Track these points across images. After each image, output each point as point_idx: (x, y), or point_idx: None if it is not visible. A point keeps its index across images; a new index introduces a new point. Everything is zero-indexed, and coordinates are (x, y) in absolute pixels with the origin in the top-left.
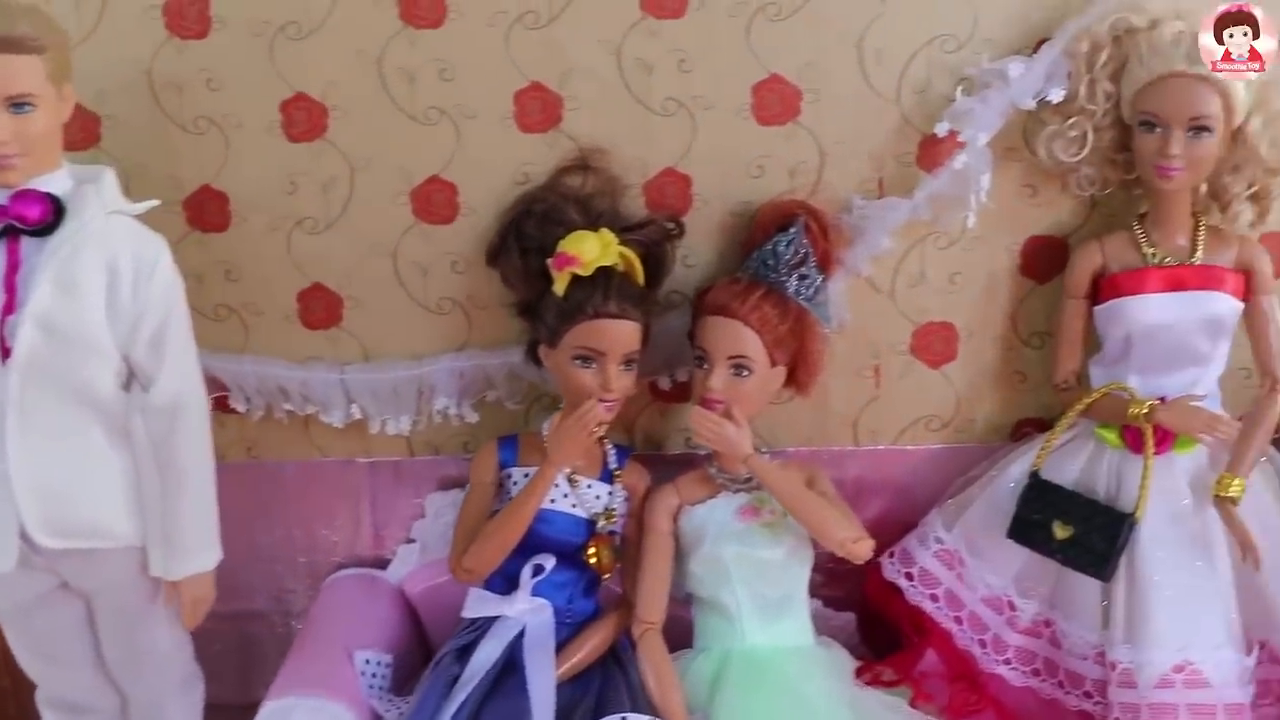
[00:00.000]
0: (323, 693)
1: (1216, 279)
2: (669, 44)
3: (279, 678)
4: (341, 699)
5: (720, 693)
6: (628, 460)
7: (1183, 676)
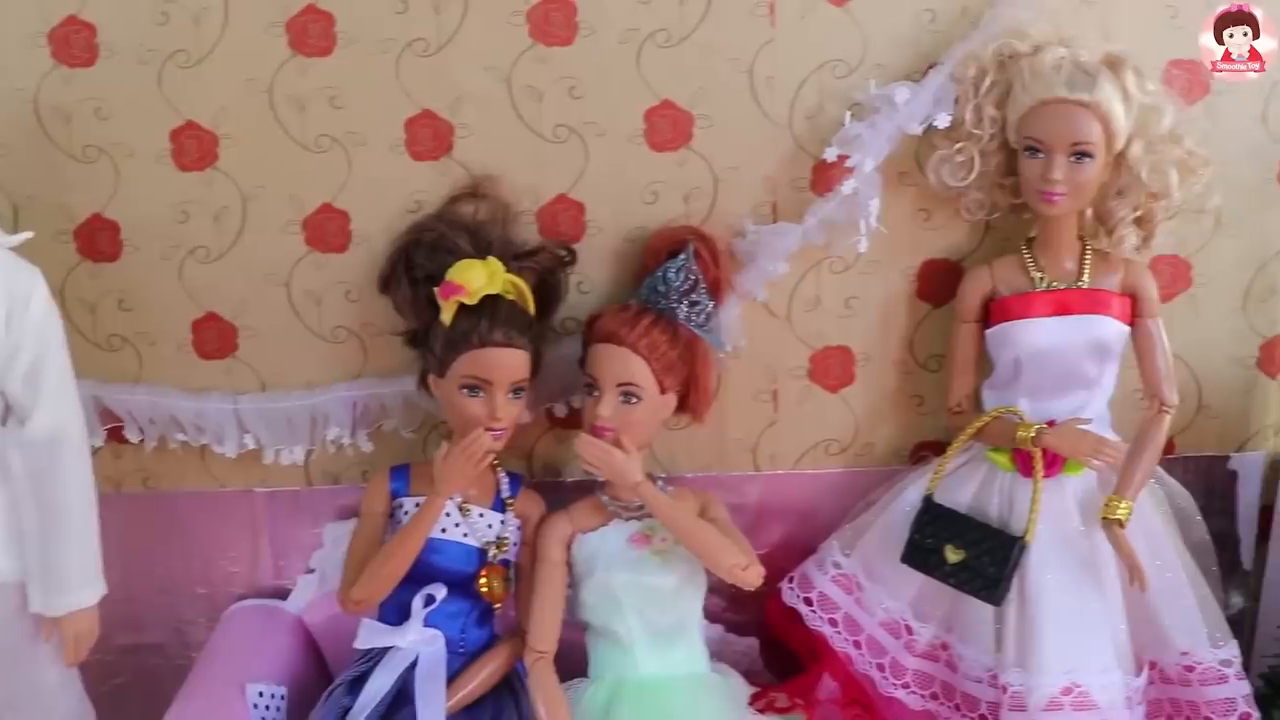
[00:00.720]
0: None
1: (1102, 303)
2: (559, 71)
3: (169, 713)
4: None
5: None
6: (521, 488)
7: (1071, 699)
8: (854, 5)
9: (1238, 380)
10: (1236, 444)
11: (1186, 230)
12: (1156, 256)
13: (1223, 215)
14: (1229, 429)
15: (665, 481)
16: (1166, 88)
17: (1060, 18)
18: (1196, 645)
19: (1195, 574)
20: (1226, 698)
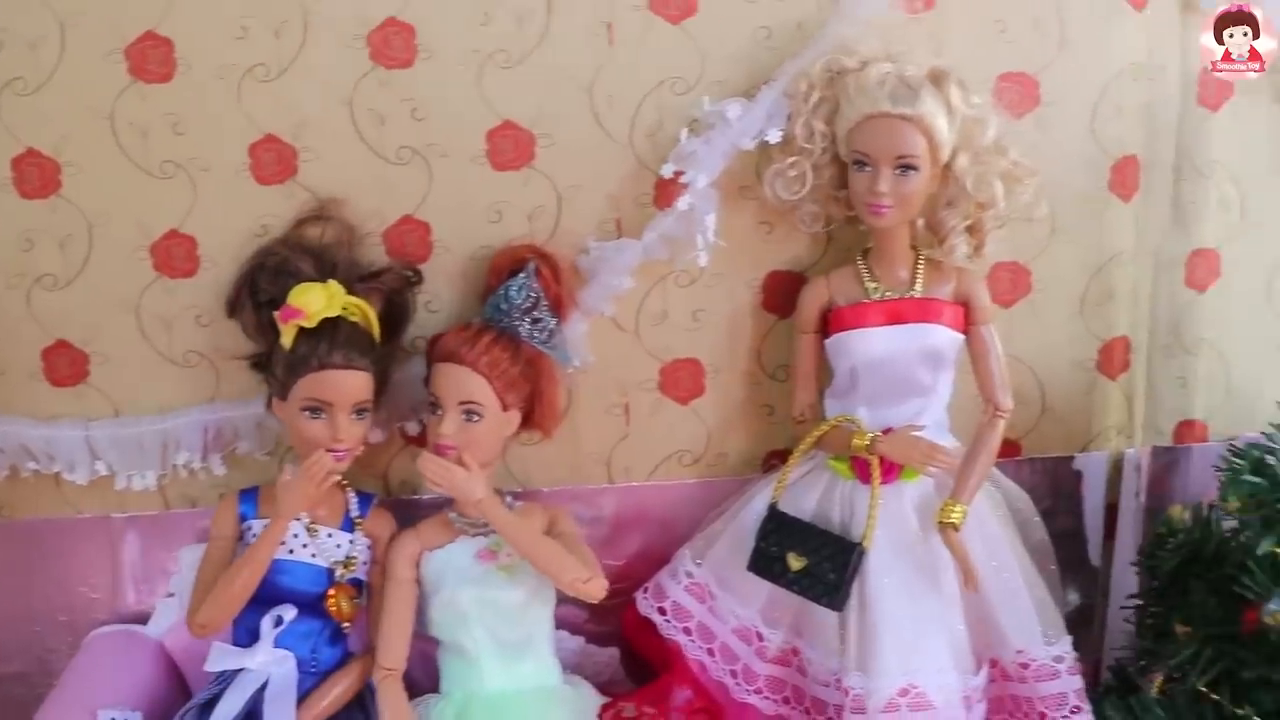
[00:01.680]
0: None
1: (934, 311)
2: (400, 94)
3: None
4: None
5: None
6: (372, 508)
7: (907, 700)
8: (691, 23)
9: (1079, 382)
10: (1080, 445)
11: (1024, 238)
12: (996, 264)
13: (1058, 223)
14: (1073, 430)
15: (515, 497)
16: (996, 101)
17: (891, 34)
18: (1031, 643)
19: (1032, 574)
20: (1059, 693)
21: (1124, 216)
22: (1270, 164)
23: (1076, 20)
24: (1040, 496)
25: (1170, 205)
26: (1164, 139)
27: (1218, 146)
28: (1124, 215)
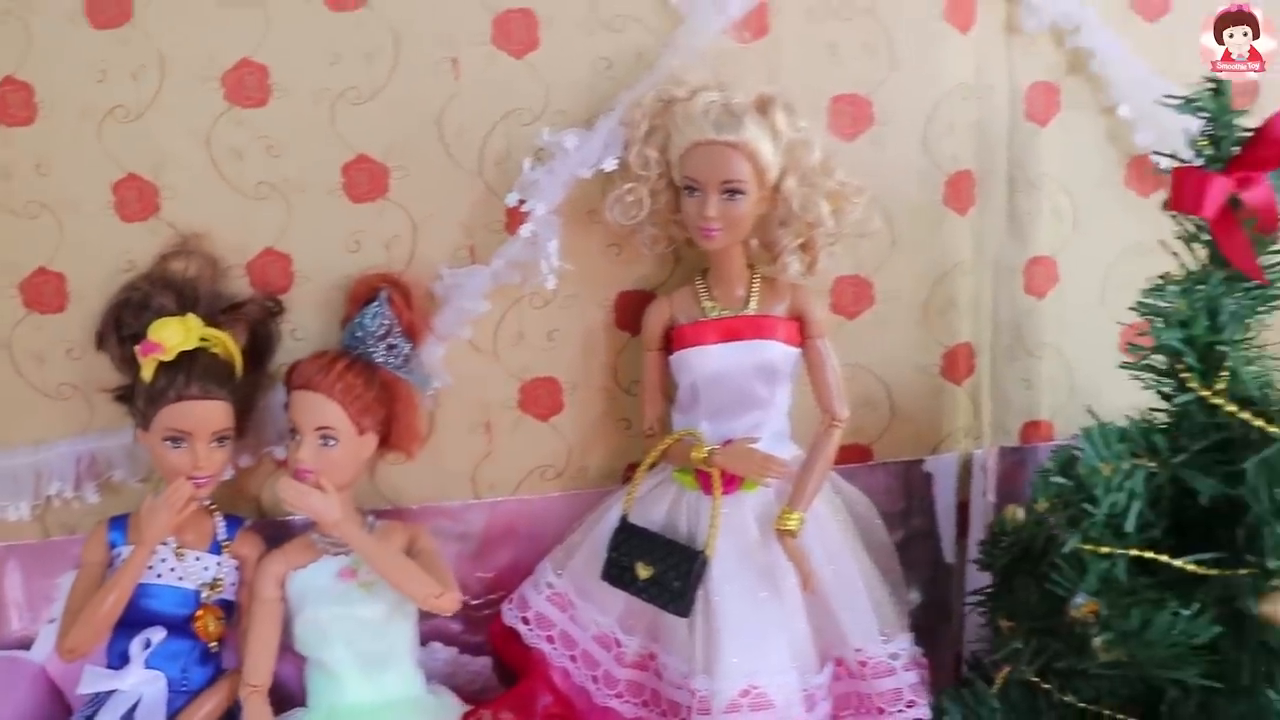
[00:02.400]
0: None
1: (769, 328)
2: (256, 131)
3: None
4: None
5: None
6: (240, 531)
7: (749, 700)
8: (534, 57)
9: (925, 388)
10: (930, 448)
11: (866, 252)
12: (839, 277)
13: (897, 236)
14: (922, 434)
15: (383, 515)
16: (831, 121)
17: (726, 62)
18: (869, 642)
19: (872, 576)
20: (895, 688)
21: (961, 228)
22: (1099, 175)
23: (905, 43)
24: (894, 499)
25: (1006, 216)
26: (996, 154)
27: (1048, 160)
28: (961, 227)
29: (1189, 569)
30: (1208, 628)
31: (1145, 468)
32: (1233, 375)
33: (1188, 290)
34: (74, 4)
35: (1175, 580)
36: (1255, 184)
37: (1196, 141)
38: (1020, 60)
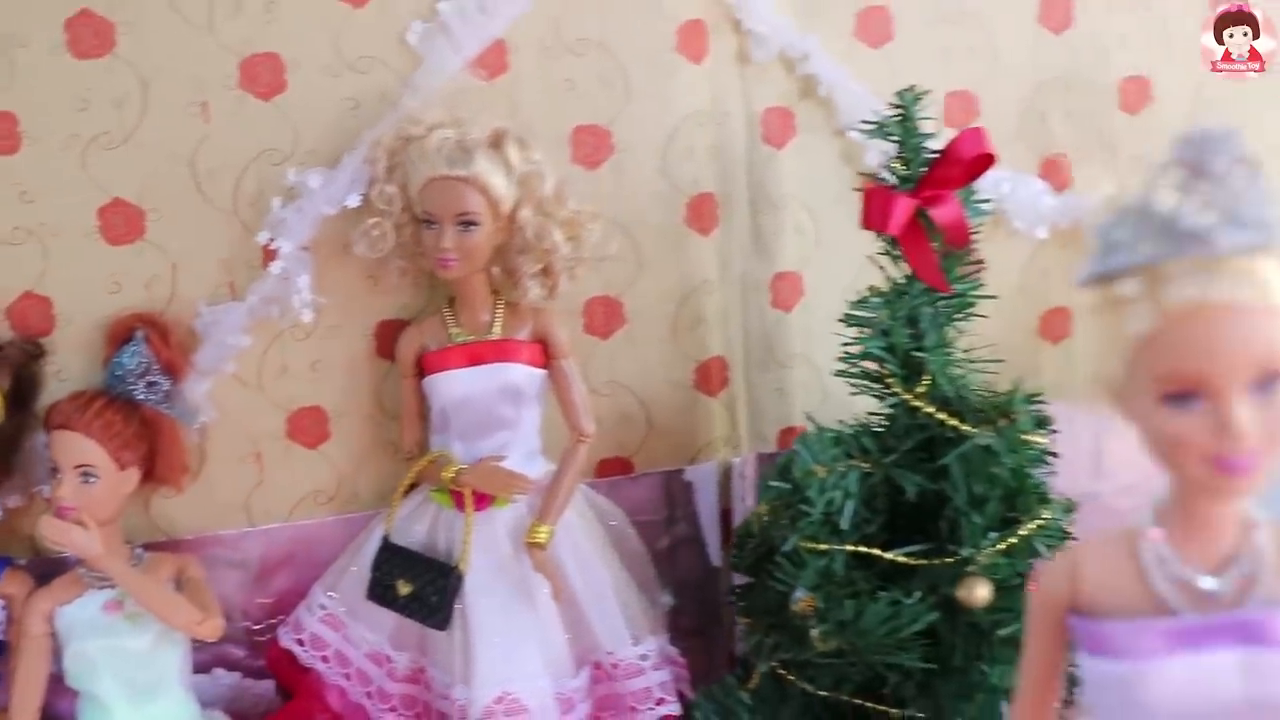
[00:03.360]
0: None
1: (512, 351)
2: (8, 179)
3: None
4: None
5: None
6: (6, 570)
7: (503, 706)
8: (282, 99)
9: (681, 401)
10: (688, 458)
11: (614, 274)
12: (591, 298)
13: (643, 258)
14: (680, 445)
15: (159, 547)
16: (573, 151)
17: (469, 98)
18: (619, 645)
19: (622, 582)
20: (645, 688)
21: (705, 248)
22: (836, 193)
23: (639, 75)
24: (657, 507)
25: (750, 235)
26: (736, 176)
27: (787, 180)
28: (705, 247)
29: (900, 561)
30: (924, 615)
31: (859, 468)
32: (933, 380)
33: (890, 301)
34: None
35: (893, 573)
36: (944, 201)
37: (889, 163)
38: (754, 87)
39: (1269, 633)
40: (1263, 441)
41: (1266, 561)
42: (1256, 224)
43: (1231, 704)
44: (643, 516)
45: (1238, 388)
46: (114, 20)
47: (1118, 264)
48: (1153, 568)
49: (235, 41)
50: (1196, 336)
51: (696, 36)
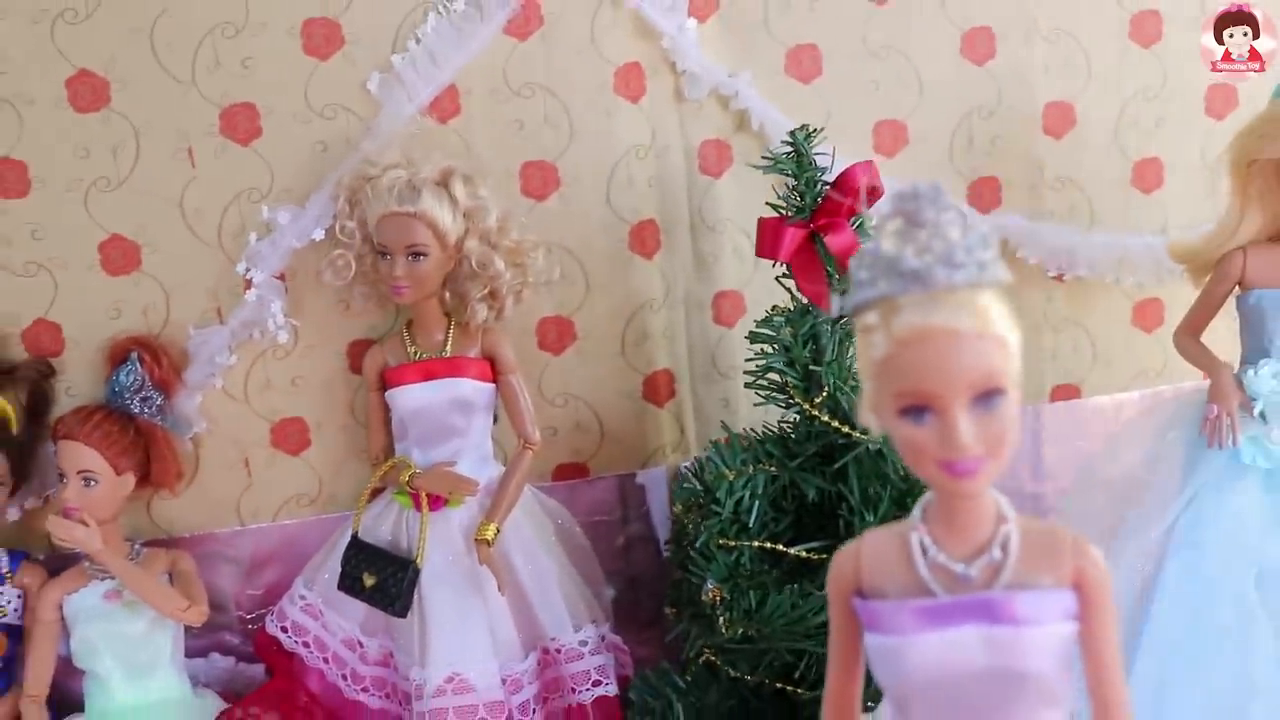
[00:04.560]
0: None
1: (460, 367)
2: (20, 219)
3: None
4: None
5: None
6: (21, 564)
7: (452, 686)
8: (258, 143)
9: (630, 411)
10: (640, 463)
11: (565, 295)
12: (543, 318)
13: (591, 281)
14: (631, 451)
15: (159, 544)
16: (523, 184)
17: (427, 139)
18: (562, 632)
19: (567, 575)
20: (584, 670)
21: (650, 270)
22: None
23: (581, 116)
24: (612, 508)
25: (692, 257)
26: (677, 203)
27: (725, 206)
28: (650, 269)
29: (803, 556)
30: (825, 606)
31: (765, 472)
32: (829, 392)
33: (792, 320)
34: None
35: (799, 568)
36: (838, 229)
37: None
38: (691, 123)
39: (1006, 612)
40: (985, 449)
41: (1012, 551)
42: (970, 263)
43: (976, 673)
44: (599, 516)
45: (960, 403)
46: (108, 78)
47: (862, 298)
48: (917, 555)
49: (215, 94)
50: (921, 358)
51: (634, 78)
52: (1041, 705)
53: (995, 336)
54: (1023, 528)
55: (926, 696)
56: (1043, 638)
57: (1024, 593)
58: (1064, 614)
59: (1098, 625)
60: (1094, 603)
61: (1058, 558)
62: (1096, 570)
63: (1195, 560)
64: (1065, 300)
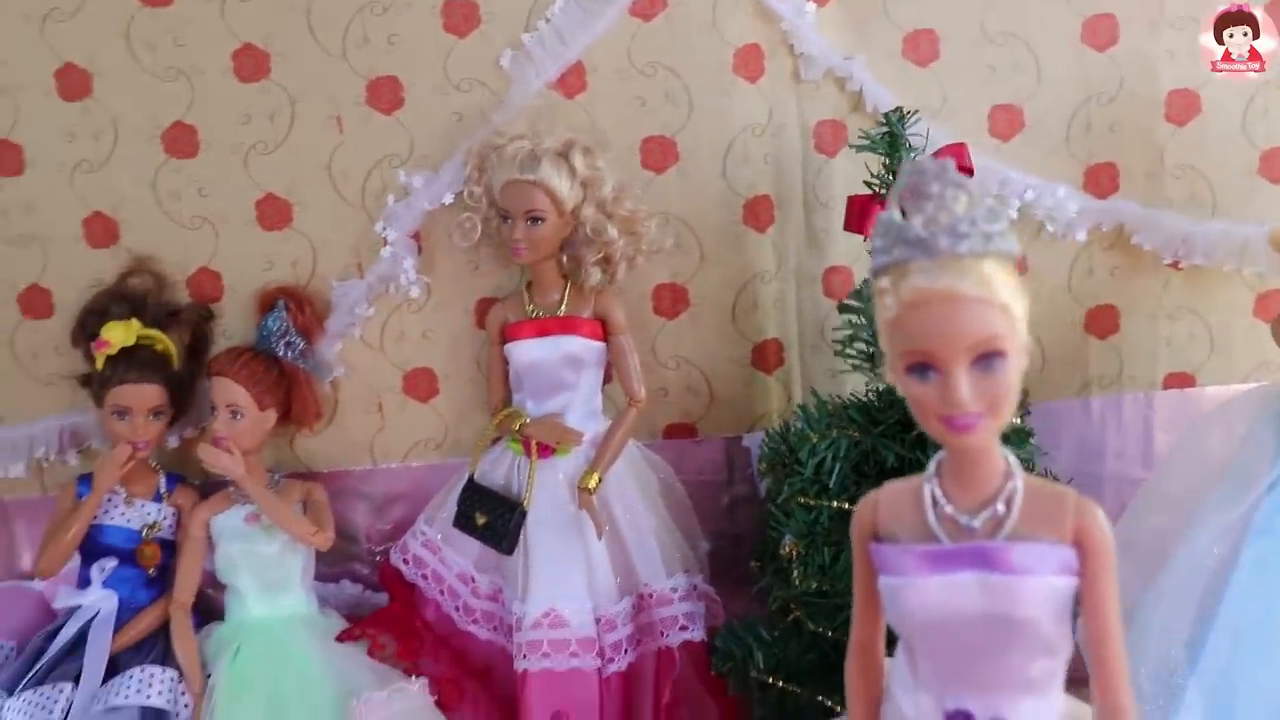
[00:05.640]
0: None
1: (573, 326)
2: (190, 177)
3: None
4: None
5: (229, 648)
6: (178, 485)
7: (548, 620)
8: (400, 113)
9: (739, 377)
10: (747, 426)
11: (680, 264)
12: (659, 284)
13: (705, 252)
14: (739, 415)
15: (300, 477)
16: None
17: (556, 113)
18: (655, 578)
19: (664, 526)
20: (672, 615)
21: (762, 243)
22: None
23: (701, 94)
24: (718, 469)
25: (804, 232)
26: (791, 180)
27: (838, 184)
28: (762, 241)
29: None
30: None
31: (848, 436)
32: None
33: None
34: (49, 83)
35: None
36: None
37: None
38: (807, 102)
39: (1002, 560)
40: (983, 406)
41: (1016, 506)
42: (975, 234)
43: (972, 617)
44: (705, 476)
45: (960, 363)
46: (269, 51)
47: (878, 264)
48: (928, 506)
49: (363, 67)
50: (924, 320)
51: (753, 59)
52: (1037, 652)
53: (998, 303)
54: (1029, 486)
55: (928, 637)
56: (1037, 587)
57: (1021, 544)
58: (1061, 568)
59: (1096, 583)
60: (1094, 561)
61: (1060, 516)
62: (1098, 530)
63: (1272, 548)
64: (1182, 288)
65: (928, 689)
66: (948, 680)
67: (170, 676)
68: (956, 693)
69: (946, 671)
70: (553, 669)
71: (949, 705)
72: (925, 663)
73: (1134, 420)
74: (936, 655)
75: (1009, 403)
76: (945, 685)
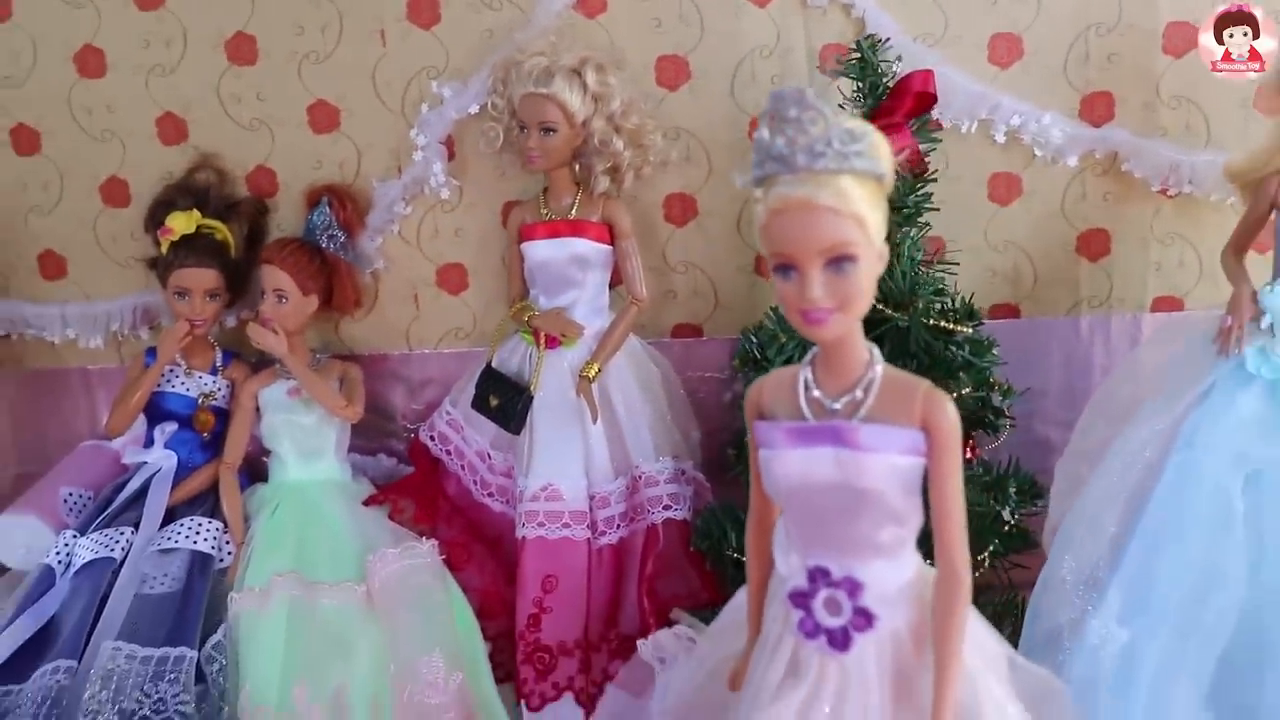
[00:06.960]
0: (28, 510)
1: (581, 228)
2: (250, 83)
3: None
4: (40, 514)
5: (269, 506)
6: (233, 360)
7: (546, 494)
8: (438, 29)
9: (743, 283)
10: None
11: (690, 176)
12: (670, 193)
13: (714, 165)
14: (742, 317)
15: (341, 358)
16: (657, 76)
17: (576, 31)
18: (645, 460)
19: (659, 417)
20: (658, 495)
21: None
22: None
23: (712, 15)
24: (721, 367)
25: None
26: None
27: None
28: None
29: None
30: None
31: None
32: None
33: None
34: None
35: None
36: (896, 130)
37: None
38: (814, 26)
39: (852, 438)
40: (833, 302)
41: (873, 393)
42: (830, 153)
43: (827, 486)
44: (710, 373)
45: (814, 264)
46: None
47: (754, 176)
48: (800, 389)
49: None
50: (784, 225)
51: None
52: (885, 520)
53: (851, 213)
54: (887, 376)
55: (792, 504)
56: (881, 463)
57: (872, 425)
58: (907, 448)
59: (939, 464)
60: (938, 445)
61: (910, 403)
62: (944, 418)
63: (1194, 458)
64: (1173, 215)
65: (796, 550)
66: (810, 542)
67: (217, 527)
68: (817, 553)
69: (808, 534)
70: (546, 537)
71: (810, 563)
72: (793, 528)
73: (1121, 340)
74: (801, 521)
75: (860, 301)
76: (808, 546)
